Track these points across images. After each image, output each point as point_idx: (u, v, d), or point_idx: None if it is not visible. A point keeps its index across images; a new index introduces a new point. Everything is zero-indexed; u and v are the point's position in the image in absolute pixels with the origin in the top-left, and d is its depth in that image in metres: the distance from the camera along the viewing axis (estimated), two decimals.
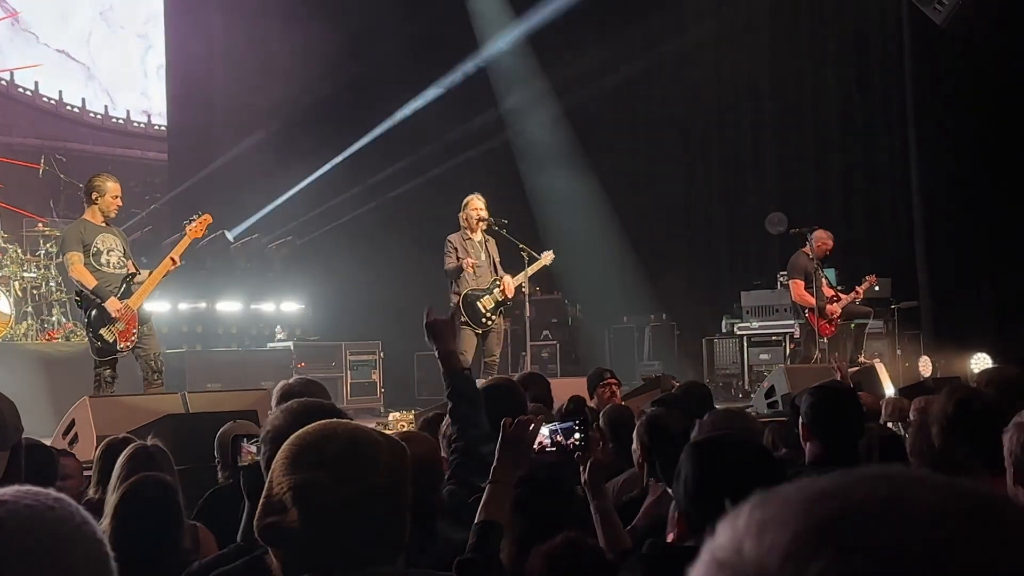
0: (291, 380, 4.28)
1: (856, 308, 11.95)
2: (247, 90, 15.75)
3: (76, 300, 8.67)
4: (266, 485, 1.91)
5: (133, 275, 8.55)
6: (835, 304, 11.69)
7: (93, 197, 8.55)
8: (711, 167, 16.36)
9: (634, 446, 4.33)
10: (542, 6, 15.53)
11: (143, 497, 3.36)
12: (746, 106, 16.20)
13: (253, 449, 2.94)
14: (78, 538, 1.18)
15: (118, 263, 8.56)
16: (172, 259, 8.53)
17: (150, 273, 8.56)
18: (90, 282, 8.32)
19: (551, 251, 10.44)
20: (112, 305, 8.27)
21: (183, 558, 3.23)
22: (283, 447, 1.94)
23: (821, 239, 11.73)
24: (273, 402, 4.09)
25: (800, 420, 4.15)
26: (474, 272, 9.90)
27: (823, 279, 11.74)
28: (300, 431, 1.98)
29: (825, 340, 11.86)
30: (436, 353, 4.01)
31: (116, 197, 8.56)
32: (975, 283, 13.17)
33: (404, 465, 1.97)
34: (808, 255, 11.69)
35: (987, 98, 12.65)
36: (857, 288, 11.97)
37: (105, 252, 8.49)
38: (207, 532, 3.84)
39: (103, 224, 8.58)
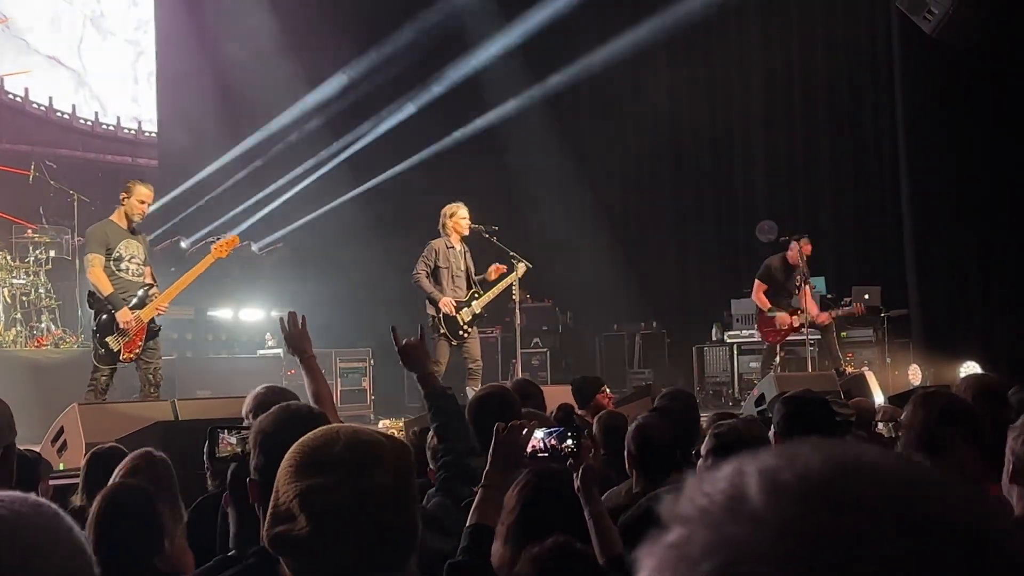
0: (261, 389, 4.24)
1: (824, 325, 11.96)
2: (237, 96, 15.74)
3: (88, 300, 8.63)
4: (272, 496, 1.90)
5: (150, 285, 8.56)
6: (790, 315, 11.72)
7: (122, 198, 8.55)
8: (702, 175, 16.37)
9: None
10: (534, 12, 15.57)
11: (119, 504, 3.33)
12: (737, 115, 16.23)
13: (232, 440, 2.88)
14: (59, 544, 1.17)
15: (136, 271, 8.55)
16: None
17: (157, 293, 8.58)
18: (106, 288, 8.29)
19: (524, 263, 10.32)
20: (123, 316, 8.26)
21: (163, 569, 3.20)
22: (286, 456, 1.93)
23: (793, 248, 11.82)
24: (244, 410, 4.06)
25: (772, 429, 4.13)
26: (452, 284, 9.93)
27: (795, 288, 11.81)
28: (302, 439, 1.97)
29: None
30: (415, 377, 4.05)
31: (143, 202, 8.54)
32: (965, 291, 13.20)
33: (408, 463, 1.96)
34: (787, 260, 11.80)
35: (977, 107, 12.67)
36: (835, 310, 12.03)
37: (127, 259, 8.48)
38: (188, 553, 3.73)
39: (127, 229, 8.54)
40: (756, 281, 11.97)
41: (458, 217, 10.04)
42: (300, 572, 1.87)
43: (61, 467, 6.58)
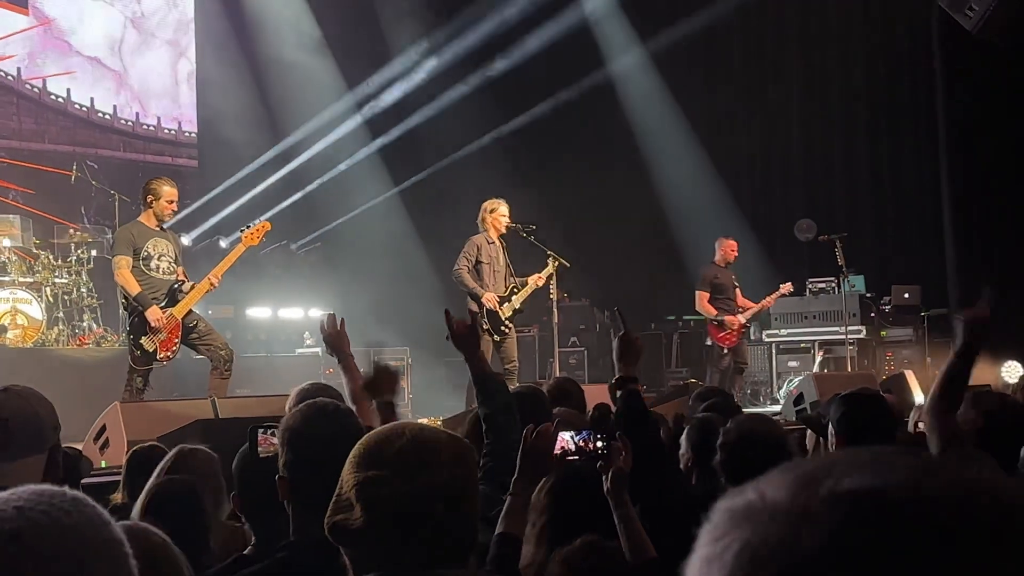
0: (305, 385, 4.28)
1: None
2: (276, 96, 15.84)
3: (123, 303, 8.63)
4: (337, 487, 1.95)
5: (181, 283, 8.47)
6: (737, 315, 11.75)
7: (148, 200, 8.46)
8: (740, 173, 16.30)
9: (682, 450, 4.38)
10: (570, 9, 15.59)
11: (167, 499, 3.38)
12: (776, 112, 16.14)
13: (275, 440, 2.88)
14: (97, 541, 1.16)
15: (168, 269, 8.48)
16: (211, 281, 8.51)
17: (193, 285, 8.50)
18: (133, 289, 8.22)
19: (560, 260, 10.31)
20: (152, 314, 8.18)
21: (206, 562, 3.24)
22: (354, 448, 1.97)
23: (725, 247, 11.94)
24: (288, 406, 4.10)
25: (831, 428, 4.11)
26: (493, 279, 9.93)
27: (735, 288, 12.00)
28: (370, 432, 2.02)
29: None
30: (466, 360, 4.02)
31: (171, 202, 8.47)
32: (1006, 291, 13.06)
33: (469, 465, 2.00)
34: (719, 265, 11.84)
35: (1018, 104, 12.55)
36: (767, 297, 12.08)
37: (156, 257, 8.41)
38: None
39: (157, 228, 8.48)
40: (697, 292, 12.02)
41: (498, 214, 10.04)
42: (357, 563, 1.91)
43: (103, 464, 6.64)
